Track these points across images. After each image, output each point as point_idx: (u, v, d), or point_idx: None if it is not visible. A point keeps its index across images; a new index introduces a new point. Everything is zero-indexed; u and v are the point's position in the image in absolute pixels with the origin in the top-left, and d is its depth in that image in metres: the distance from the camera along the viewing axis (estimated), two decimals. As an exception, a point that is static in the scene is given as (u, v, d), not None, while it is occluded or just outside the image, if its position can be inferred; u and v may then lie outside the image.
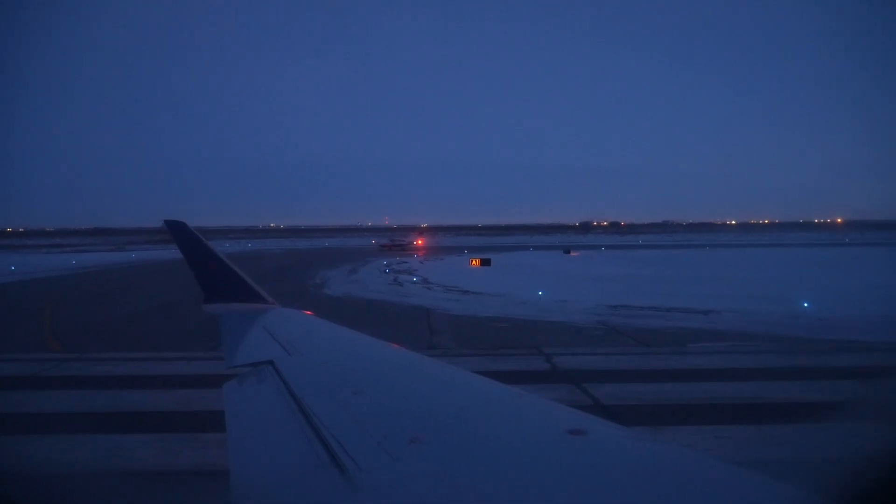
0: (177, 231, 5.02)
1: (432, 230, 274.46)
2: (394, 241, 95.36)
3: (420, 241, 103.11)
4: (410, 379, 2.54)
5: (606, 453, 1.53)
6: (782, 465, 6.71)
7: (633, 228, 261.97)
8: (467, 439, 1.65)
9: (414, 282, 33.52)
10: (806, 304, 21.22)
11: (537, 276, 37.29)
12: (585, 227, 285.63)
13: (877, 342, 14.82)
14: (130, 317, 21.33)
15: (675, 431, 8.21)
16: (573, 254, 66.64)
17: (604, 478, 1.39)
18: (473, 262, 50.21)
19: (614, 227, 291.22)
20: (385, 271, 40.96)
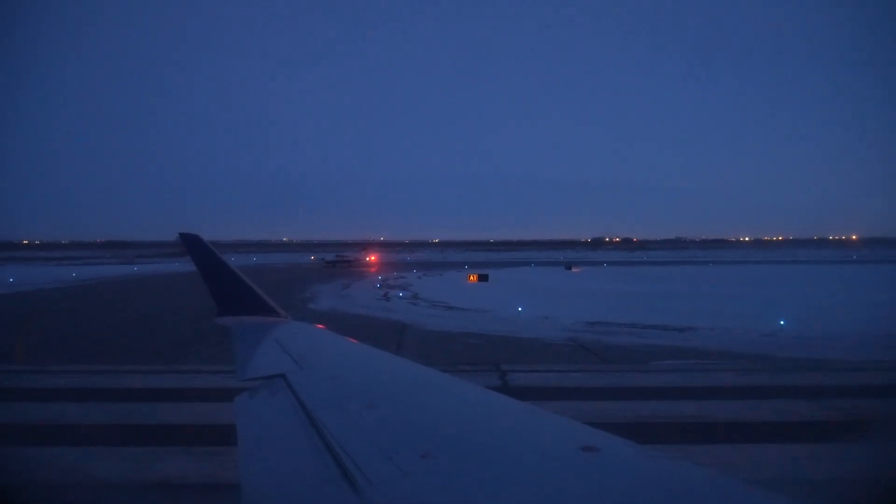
0: (191, 244, 5.05)
1: (444, 245, 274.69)
2: (340, 256, 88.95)
3: (372, 258, 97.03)
4: (422, 393, 2.53)
5: (620, 470, 1.52)
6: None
7: (645, 244, 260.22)
8: (479, 455, 1.64)
9: (403, 298, 33.66)
10: (782, 322, 21.05)
11: (530, 292, 37.28)
12: (597, 243, 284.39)
13: (842, 361, 14.72)
14: (107, 329, 21.65)
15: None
16: (574, 270, 66.52)
17: (617, 495, 1.38)
18: (471, 277, 50.27)
19: (626, 243, 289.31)
20: (377, 286, 41.16)
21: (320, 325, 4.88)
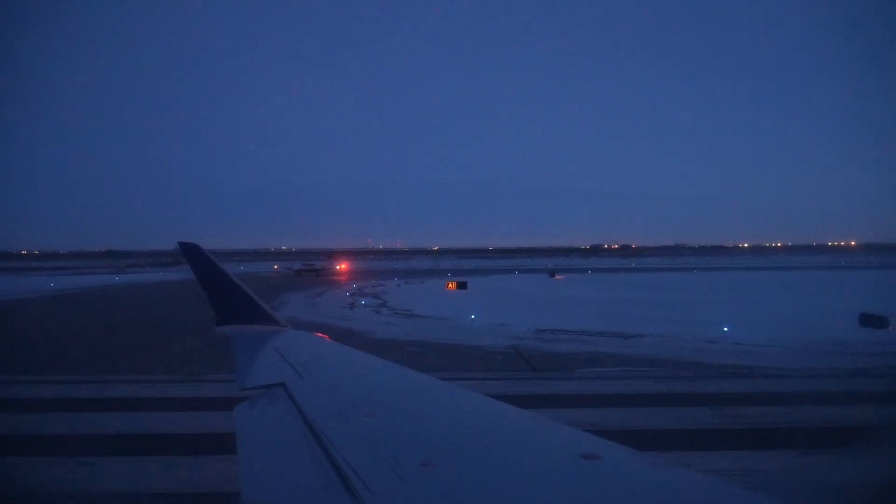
0: (190, 253, 5.00)
1: (443, 253, 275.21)
2: (307, 265, 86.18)
3: (343, 266, 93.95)
4: (422, 401, 2.51)
5: (621, 478, 1.51)
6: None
7: (642, 251, 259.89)
8: (480, 463, 1.64)
9: (369, 306, 33.65)
10: (726, 329, 21.11)
11: (501, 300, 37.41)
12: (594, 250, 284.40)
13: (765, 368, 14.79)
14: (48, 340, 21.65)
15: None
16: (557, 277, 66.53)
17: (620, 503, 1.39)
18: (450, 285, 50.36)
19: (624, 250, 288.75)
20: (348, 295, 41.07)
21: (320, 334, 4.90)
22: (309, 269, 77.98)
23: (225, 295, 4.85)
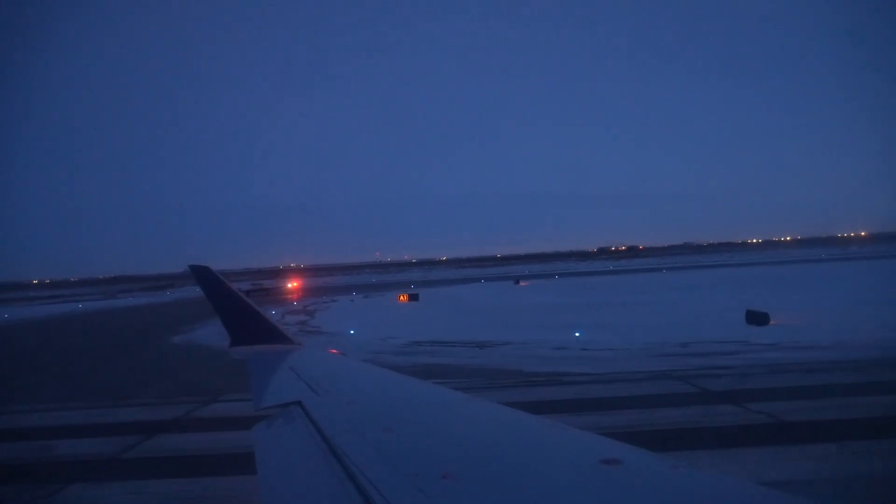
0: (201, 276, 5.04)
1: (451, 263, 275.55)
2: (256, 285, 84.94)
3: (295, 284, 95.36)
4: (439, 414, 2.53)
5: (643, 482, 1.51)
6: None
7: (649, 252, 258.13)
8: (499, 472, 1.64)
9: (287, 324, 33.50)
10: (577, 334, 21.10)
11: (431, 311, 37.60)
12: (600, 253, 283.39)
13: (578, 374, 14.83)
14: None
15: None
16: (522, 283, 66.75)
17: None
18: (401, 298, 50.54)
19: (631, 252, 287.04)
20: (274, 313, 40.86)
21: (334, 351, 5.08)
22: (258, 290, 76.24)
23: (237, 316, 4.92)
